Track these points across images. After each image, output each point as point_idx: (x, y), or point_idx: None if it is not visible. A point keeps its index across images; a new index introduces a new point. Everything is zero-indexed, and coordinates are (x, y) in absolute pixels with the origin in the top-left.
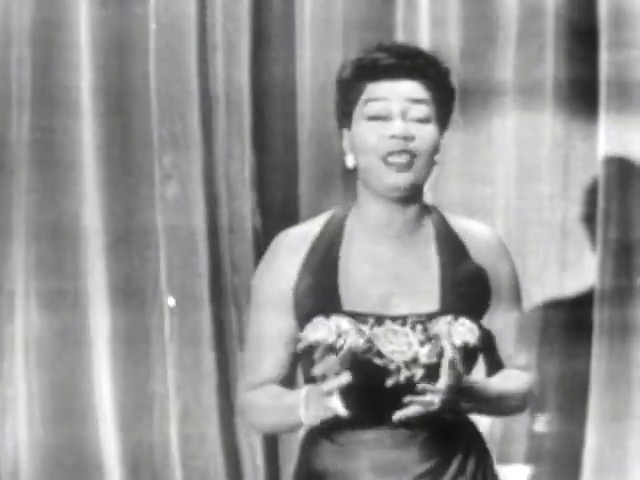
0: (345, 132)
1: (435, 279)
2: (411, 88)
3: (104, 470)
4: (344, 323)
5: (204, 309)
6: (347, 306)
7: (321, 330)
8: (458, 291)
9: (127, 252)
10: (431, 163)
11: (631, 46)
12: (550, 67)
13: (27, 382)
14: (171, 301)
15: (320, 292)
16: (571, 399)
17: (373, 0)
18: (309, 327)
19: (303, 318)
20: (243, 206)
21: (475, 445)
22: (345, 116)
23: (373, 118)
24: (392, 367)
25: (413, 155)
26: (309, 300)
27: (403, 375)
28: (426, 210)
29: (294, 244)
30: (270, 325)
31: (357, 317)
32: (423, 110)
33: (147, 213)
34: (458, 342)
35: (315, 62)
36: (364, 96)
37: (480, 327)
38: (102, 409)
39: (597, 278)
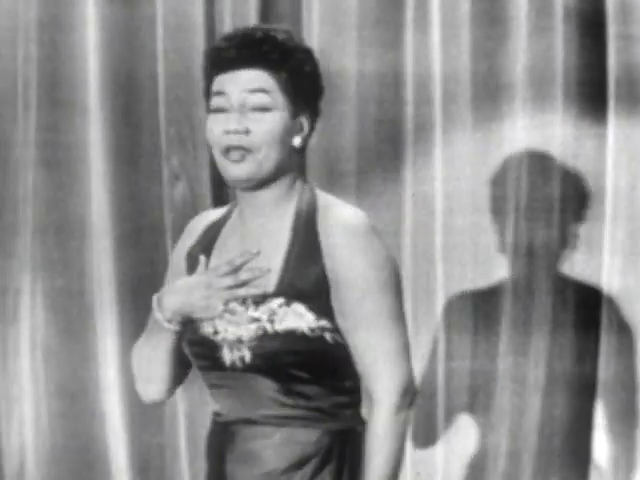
0: None
1: (279, 261)
2: (250, 77)
3: (112, 471)
4: None
5: None
6: None
7: None
8: (297, 277)
9: (135, 252)
10: (279, 151)
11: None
12: (560, 64)
13: (34, 382)
14: None
15: (195, 262)
16: None
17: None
18: None
19: None
20: None
21: (342, 456)
22: (207, 107)
23: (215, 111)
24: (223, 345)
25: (248, 148)
26: (190, 267)
27: (235, 355)
28: (297, 188)
29: (193, 226)
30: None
31: None
32: (262, 99)
33: (155, 213)
34: (280, 327)
35: (323, 61)
36: (212, 89)
37: (328, 320)
38: (110, 409)
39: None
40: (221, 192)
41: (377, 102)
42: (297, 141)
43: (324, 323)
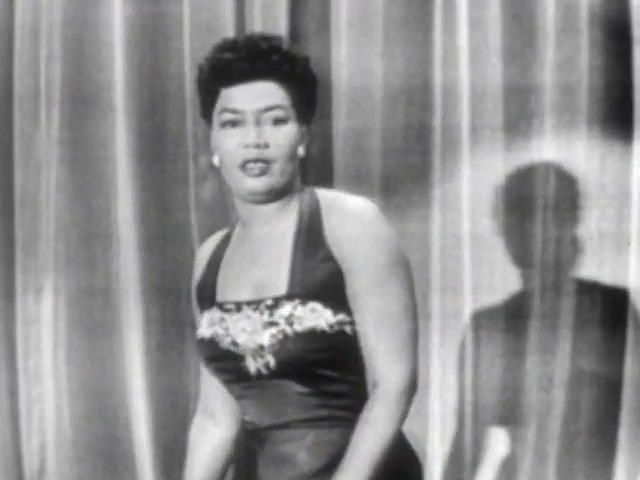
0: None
1: (287, 262)
2: (265, 90)
3: (136, 470)
4: (215, 314)
5: None
6: (219, 298)
7: (202, 325)
8: (307, 276)
9: (160, 251)
10: (293, 163)
11: None
12: (585, 67)
13: (55, 381)
14: None
15: (204, 288)
16: None
17: (411, 1)
18: (200, 323)
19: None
20: None
21: None
22: (207, 117)
23: (227, 125)
24: (245, 354)
25: (268, 162)
26: (200, 297)
27: (260, 363)
28: (297, 193)
29: (201, 254)
30: (196, 322)
31: (223, 306)
32: (278, 113)
33: (181, 212)
34: (299, 328)
35: (351, 61)
36: (219, 103)
37: (345, 313)
38: (135, 408)
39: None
40: None
41: (404, 103)
42: (301, 151)
43: (342, 317)
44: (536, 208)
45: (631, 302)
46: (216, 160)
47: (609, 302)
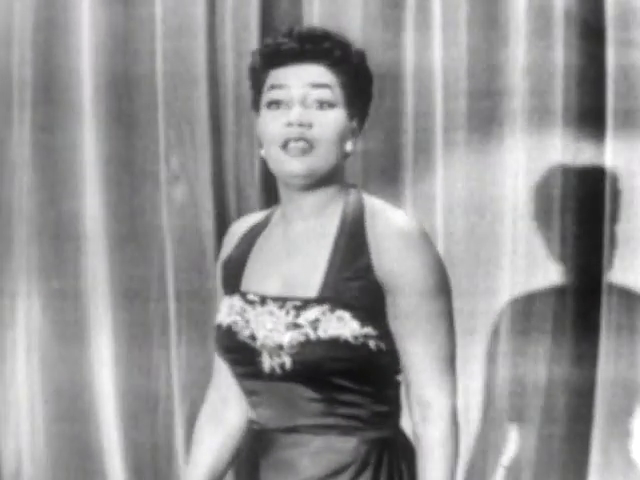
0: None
1: (322, 265)
2: (313, 72)
3: (107, 472)
4: (236, 303)
5: (212, 310)
6: (243, 287)
7: (222, 310)
8: (342, 283)
9: (130, 253)
10: (338, 150)
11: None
12: (560, 67)
13: (29, 384)
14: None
15: (230, 271)
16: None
17: (384, 2)
18: (220, 308)
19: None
20: (252, 207)
21: (378, 465)
22: (255, 105)
23: (273, 105)
24: (262, 350)
25: (311, 142)
26: (225, 279)
27: (275, 362)
28: (343, 192)
29: (234, 231)
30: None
31: (245, 296)
32: (325, 94)
33: (151, 214)
34: (323, 334)
35: None
36: (267, 83)
37: (373, 326)
38: (105, 411)
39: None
40: (222, 193)
41: (377, 104)
42: (349, 146)
43: (368, 330)
44: (510, 209)
45: (604, 305)
46: (263, 152)
47: (582, 306)
